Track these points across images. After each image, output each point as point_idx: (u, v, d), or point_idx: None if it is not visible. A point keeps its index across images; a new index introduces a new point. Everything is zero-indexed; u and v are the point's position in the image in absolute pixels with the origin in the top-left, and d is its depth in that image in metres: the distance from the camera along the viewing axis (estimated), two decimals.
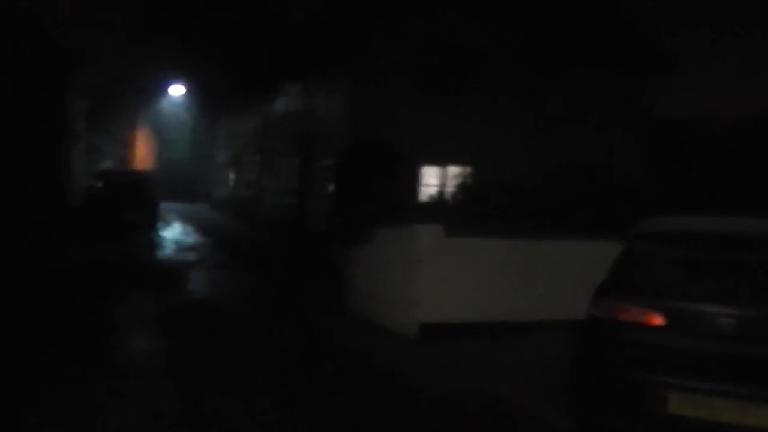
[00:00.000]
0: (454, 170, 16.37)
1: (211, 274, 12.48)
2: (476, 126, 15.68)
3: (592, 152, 13.76)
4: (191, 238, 18.80)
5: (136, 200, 20.34)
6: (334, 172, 11.74)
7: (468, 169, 16.10)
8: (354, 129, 15.12)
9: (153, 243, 16.99)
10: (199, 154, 44.26)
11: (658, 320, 4.43)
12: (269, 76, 24.68)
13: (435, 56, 15.62)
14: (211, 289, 11.04)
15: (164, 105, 46.88)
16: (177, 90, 42.77)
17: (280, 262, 14.58)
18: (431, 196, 14.63)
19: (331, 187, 16.46)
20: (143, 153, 56.23)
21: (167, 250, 15.63)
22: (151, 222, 20.26)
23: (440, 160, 16.09)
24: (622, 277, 4.81)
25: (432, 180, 16.26)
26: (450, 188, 15.72)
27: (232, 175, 33.26)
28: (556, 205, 9.27)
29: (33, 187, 17.51)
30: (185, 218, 25.67)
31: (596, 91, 16.01)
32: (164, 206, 31.72)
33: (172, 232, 20.10)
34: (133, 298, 9.90)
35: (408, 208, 9.93)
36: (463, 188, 12.06)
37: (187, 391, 5.73)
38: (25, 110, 17.96)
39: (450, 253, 8.16)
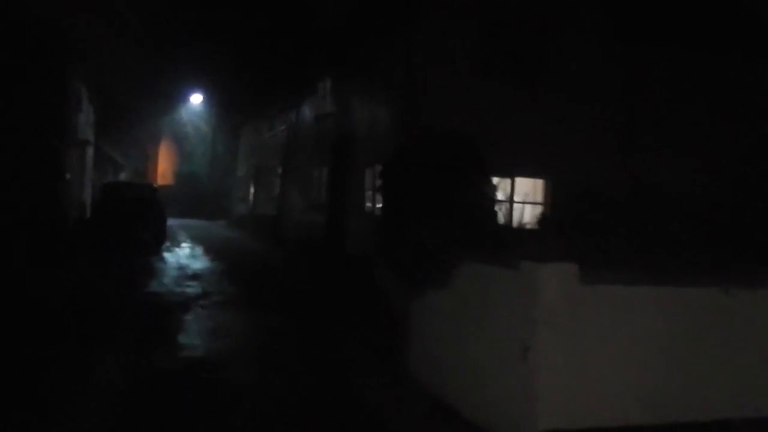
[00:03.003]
0: (523, 182, 13.17)
1: (217, 317, 9.32)
2: (554, 126, 12.44)
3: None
4: (200, 262, 15.70)
5: (139, 216, 17.56)
6: (382, 179, 8.77)
7: (543, 180, 12.92)
8: (401, 128, 12.03)
9: (151, 268, 13.89)
10: (219, 167, 41.57)
11: None
12: (294, 77, 21.74)
13: (500, 37, 12.44)
14: (213, 343, 7.85)
15: (183, 115, 44.39)
16: (196, 99, 40.11)
17: (310, 299, 11.36)
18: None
19: (376, 201, 13.37)
20: (163, 166, 53.89)
21: (166, 279, 12.52)
22: (156, 241, 17.35)
23: (504, 169, 12.77)
24: None
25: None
26: (520, 204, 12.55)
27: (252, 190, 30.36)
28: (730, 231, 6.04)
29: (20, 197, 14.76)
30: (198, 237, 22.69)
31: (715, 82, 12.59)
32: (177, 223, 28.91)
33: (179, 254, 17.05)
34: (97, 357, 6.77)
35: (493, 232, 6.75)
36: (582, 201, 8.60)
37: None
38: (17, 109, 15.34)
39: (592, 310, 4.94)
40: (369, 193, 15.17)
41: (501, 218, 8.11)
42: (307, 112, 21.67)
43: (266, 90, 26.23)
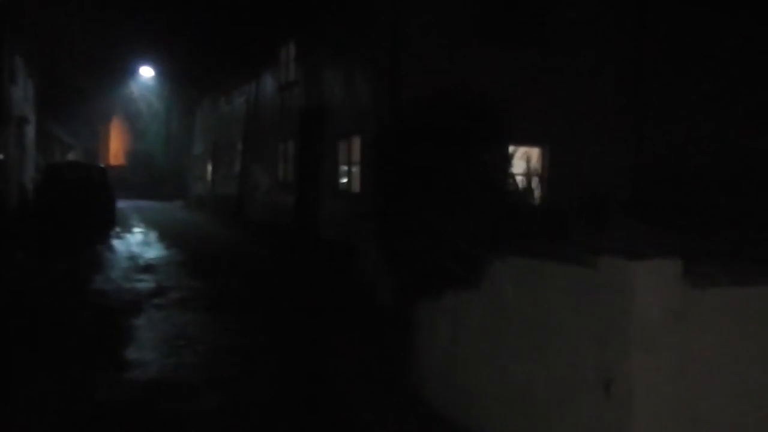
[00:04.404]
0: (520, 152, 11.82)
1: (176, 322, 7.74)
2: (558, 92, 11.10)
3: None
4: (154, 250, 14.00)
5: (85, 200, 15.82)
6: (374, 151, 7.37)
7: (541, 150, 11.59)
8: (386, 93, 10.51)
9: (97, 259, 12.14)
10: (175, 145, 39.38)
11: None
12: (254, 44, 19.93)
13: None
14: (171, 360, 6.29)
15: (135, 91, 41.94)
16: (147, 73, 37.65)
17: (285, 296, 9.66)
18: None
19: (352, 177, 11.87)
20: (116, 145, 51.13)
21: (115, 272, 10.84)
22: (104, 228, 15.60)
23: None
24: None
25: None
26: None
27: (210, 168, 28.50)
28: None
29: None
30: (152, 221, 20.85)
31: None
32: (131, 205, 26.96)
33: (130, 242, 15.26)
34: (16, 385, 5.17)
35: (529, 214, 5.34)
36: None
37: None
38: None
39: (702, 324, 3.56)
40: (344, 168, 13.64)
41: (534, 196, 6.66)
42: (269, 82, 19.92)
43: (223, 60, 24.31)
